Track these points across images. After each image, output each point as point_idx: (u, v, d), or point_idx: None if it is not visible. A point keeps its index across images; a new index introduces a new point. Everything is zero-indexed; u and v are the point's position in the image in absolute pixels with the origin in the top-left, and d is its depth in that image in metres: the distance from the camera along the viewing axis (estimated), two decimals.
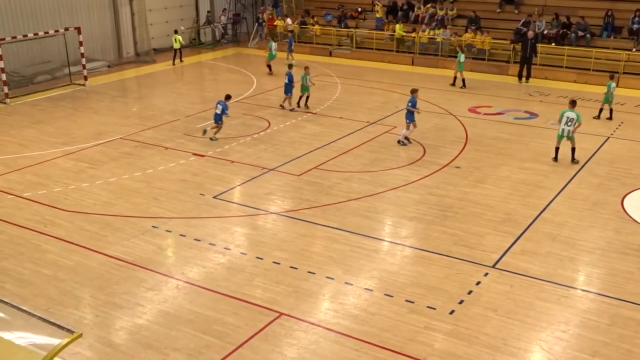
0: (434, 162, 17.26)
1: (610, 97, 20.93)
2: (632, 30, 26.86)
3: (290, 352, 9.68)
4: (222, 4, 35.81)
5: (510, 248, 12.75)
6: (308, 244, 13.08)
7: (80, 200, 15.08)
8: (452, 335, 10.04)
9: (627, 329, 10.19)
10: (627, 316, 10.52)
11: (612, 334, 10.05)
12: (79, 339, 7.13)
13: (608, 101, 20.88)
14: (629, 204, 14.70)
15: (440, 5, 31.45)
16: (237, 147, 18.63)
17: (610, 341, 9.88)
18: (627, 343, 9.84)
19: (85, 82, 26.21)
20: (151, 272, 11.95)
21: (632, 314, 10.57)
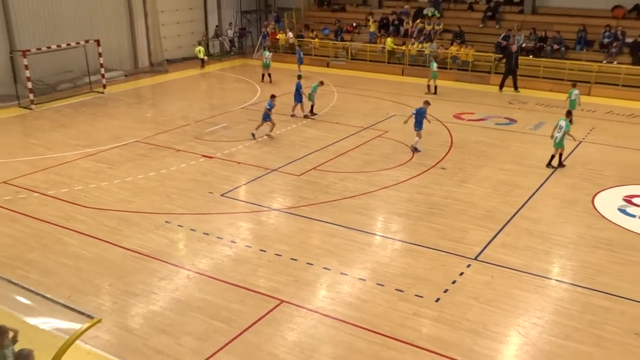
0: (421, 164, 17.27)
1: (574, 103, 20.96)
2: (602, 43, 26.90)
3: (290, 336, 9.70)
4: (229, 19, 35.76)
5: (491, 242, 12.77)
6: (307, 237, 13.09)
7: (99, 198, 15.08)
8: (438, 321, 10.07)
9: (597, 315, 10.22)
10: (597, 304, 10.56)
11: (583, 320, 10.09)
12: (98, 324, 7.17)
13: (572, 107, 20.71)
14: (599, 202, 14.73)
15: (428, 20, 31.44)
16: (243, 149, 18.64)
17: (581, 327, 9.92)
18: (596, 328, 9.88)
19: (104, 90, 26.18)
20: (164, 263, 11.97)
21: (601, 302, 10.60)
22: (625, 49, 26.39)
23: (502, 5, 31.08)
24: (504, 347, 9.52)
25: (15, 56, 24.43)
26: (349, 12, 35.25)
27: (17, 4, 25.21)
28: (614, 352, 9.32)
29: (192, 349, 9.41)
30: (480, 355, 9.26)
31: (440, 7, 32.21)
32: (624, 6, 28.16)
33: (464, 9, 32.04)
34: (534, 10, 30.19)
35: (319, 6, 36.48)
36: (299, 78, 22.61)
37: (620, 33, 26.66)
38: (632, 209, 14.39)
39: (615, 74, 25.23)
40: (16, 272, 11.48)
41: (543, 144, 18.99)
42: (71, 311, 7.38)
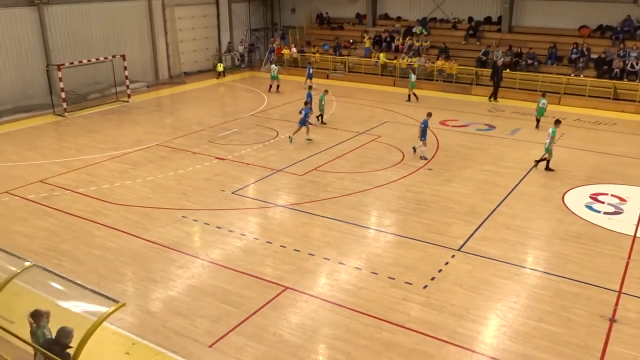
0: (411, 165, 17.19)
1: (542, 111, 21.07)
2: (571, 59, 26.81)
3: (293, 319, 9.64)
4: (240, 36, 35.67)
5: (473, 235, 12.72)
6: (309, 231, 13.02)
7: (124, 195, 15.01)
8: (425, 305, 10.01)
9: (567, 300, 10.17)
10: (567, 290, 10.51)
11: (555, 304, 10.03)
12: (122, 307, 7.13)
13: (541, 114, 20.90)
14: (569, 199, 14.66)
15: (417, 38, 31.35)
16: (252, 152, 18.55)
17: (553, 310, 9.87)
18: (566, 312, 9.83)
19: (129, 99, 26.08)
20: (181, 253, 11.91)
21: (571, 289, 10.55)
22: (591, 64, 26.32)
23: (482, 24, 30.97)
24: (484, 328, 9.46)
25: (51, 70, 24.37)
26: (347, 30, 35.12)
27: (53, 23, 25.15)
28: (582, 332, 9.27)
29: (206, 330, 9.35)
30: (464, 336, 9.20)
31: (427, 26, 32.11)
32: (589, 26, 28.07)
33: (449, 27, 31.91)
34: (510, 29, 30.07)
35: (320, 25, 36.36)
36: (309, 89, 22.49)
37: (586, 50, 26.59)
38: (597, 205, 14.32)
39: (582, 86, 25.13)
40: (51, 261, 11.42)
41: (518, 147, 18.98)
42: (99, 296, 7.35)
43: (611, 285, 10.66)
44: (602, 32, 27.78)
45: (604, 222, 13.37)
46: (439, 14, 32.65)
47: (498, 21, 30.54)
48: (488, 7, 30.92)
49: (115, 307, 7.00)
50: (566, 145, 19.24)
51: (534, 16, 29.58)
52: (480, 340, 9.15)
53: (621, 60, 25.24)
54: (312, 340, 9.11)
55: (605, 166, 17.11)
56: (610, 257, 11.70)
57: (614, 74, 25.13)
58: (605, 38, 27.51)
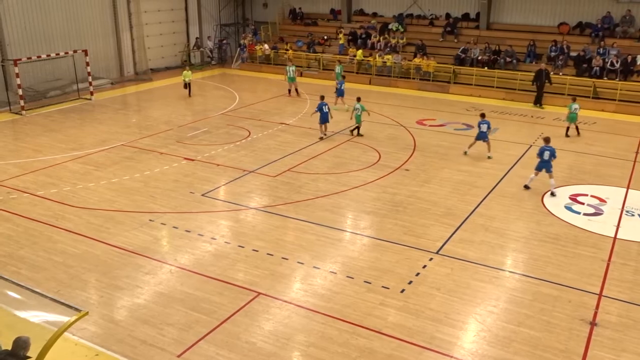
0: (387, 166, 17.31)
1: (575, 117, 20.13)
2: (550, 56, 27.33)
3: (267, 326, 9.62)
4: (209, 31, 35.46)
5: (451, 237, 12.85)
6: (282, 234, 13.01)
7: (86, 198, 14.78)
8: (403, 310, 10.09)
9: (546, 303, 10.35)
10: (546, 293, 10.69)
11: (534, 308, 10.21)
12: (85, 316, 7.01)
13: (573, 120, 20.21)
14: (547, 201, 14.93)
15: (393, 34, 31.61)
16: (222, 152, 18.46)
17: (532, 314, 10.04)
18: (546, 315, 10.00)
19: (92, 97, 25.70)
20: (148, 258, 11.78)
21: (550, 291, 10.74)
22: (570, 62, 26.88)
23: (460, 21, 31.38)
24: (463, 333, 9.57)
25: (7, 65, 23.88)
26: (321, 26, 35.21)
27: (9, 15, 24.65)
28: (562, 336, 9.45)
29: (175, 338, 9.26)
30: (442, 341, 9.30)
31: (403, 22, 32.40)
32: (569, 23, 28.68)
33: (426, 24, 32.25)
34: (488, 26, 30.54)
35: (293, 20, 36.37)
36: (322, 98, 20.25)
37: (565, 47, 27.16)
38: (577, 207, 14.62)
39: (561, 84, 25.62)
40: (7, 268, 11.20)
41: (497, 147, 19.23)
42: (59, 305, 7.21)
43: (591, 287, 10.88)
44: (582, 30, 28.41)
45: (583, 223, 13.66)
46: (416, 10, 32.98)
47: (476, 18, 30.98)
48: (466, 3, 31.36)
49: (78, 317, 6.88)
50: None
51: (513, 13, 30.11)
52: (459, 345, 9.26)
53: (601, 58, 25.84)
54: (285, 347, 9.11)
55: (585, 166, 17.48)
56: (590, 259, 11.96)
57: (594, 72, 25.70)
58: (584, 35, 28.13)
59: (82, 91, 25.92)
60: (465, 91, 27.18)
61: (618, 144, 19.85)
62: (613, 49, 26.15)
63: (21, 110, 23.01)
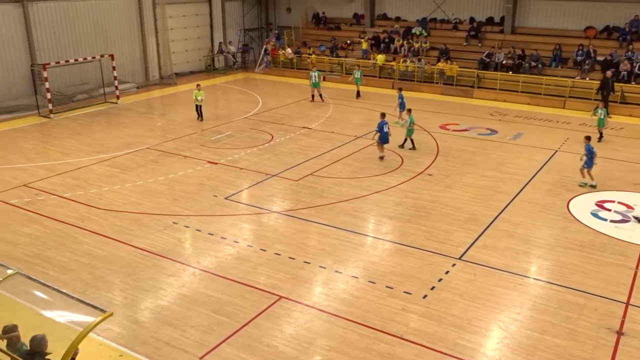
0: (410, 170, 17.23)
1: (603, 122, 19.95)
2: (576, 61, 26.96)
3: (288, 329, 9.63)
4: (233, 36, 35.76)
5: (474, 243, 12.73)
6: (304, 238, 13.02)
7: (112, 200, 14.99)
8: (425, 316, 10.02)
9: (572, 311, 10.19)
10: (572, 301, 10.52)
11: (559, 316, 10.05)
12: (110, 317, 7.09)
13: (602, 125, 19.93)
14: (573, 207, 14.71)
15: (416, 39, 31.51)
16: (245, 156, 18.57)
17: (557, 322, 9.88)
18: (571, 324, 9.84)
19: (118, 101, 26.09)
20: (172, 261, 11.89)
21: (575, 299, 10.57)
22: (597, 66, 26.44)
23: (484, 25, 31.16)
24: (486, 340, 9.46)
25: (36, 69, 24.37)
26: (344, 30, 35.26)
27: (38, 21, 25.18)
28: (587, 345, 9.28)
29: (197, 340, 9.33)
30: (465, 348, 9.21)
31: (427, 26, 32.28)
32: (596, 27, 28.27)
33: (449, 28, 32.09)
34: (513, 30, 30.25)
35: (316, 25, 36.50)
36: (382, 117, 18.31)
37: (592, 51, 26.74)
38: (603, 213, 14.37)
39: (588, 89, 25.26)
40: (34, 268, 11.40)
41: (521, 152, 19.04)
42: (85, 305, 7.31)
43: (618, 296, 10.68)
44: (609, 33, 27.96)
45: (610, 230, 13.41)
46: (440, 14, 32.84)
47: (501, 22, 30.72)
48: (490, 7, 31.12)
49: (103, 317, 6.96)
50: (571, 150, 19.30)
51: (538, 16, 29.78)
52: (482, 352, 9.16)
53: (629, 62, 25.39)
54: (307, 351, 9.10)
55: (612, 172, 17.17)
56: (617, 267, 11.73)
57: (621, 77, 25.26)
58: (612, 39, 27.68)
59: (108, 95, 26.34)
60: (489, 96, 26.96)
61: None
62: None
63: (49, 114, 23.46)
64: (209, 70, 33.98)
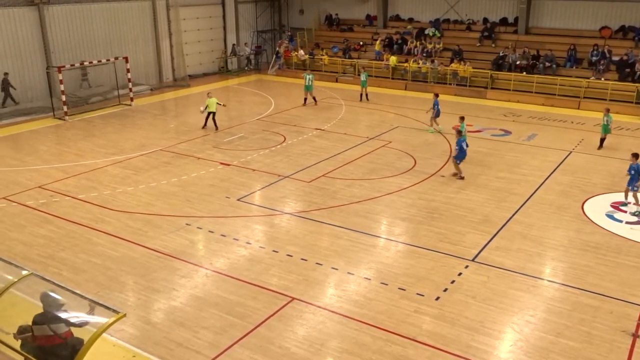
0: (423, 172, 17.16)
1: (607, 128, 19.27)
2: (591, 61, 26.73)
3: (300, 331, 9.63)
4: (246, 38, 35.88)
5: (487, 244, 12.65)
6: (316, 239, 13.02)
7: (125, 202, 15.10)
8: (438, 318, 9.96)
9: (586, 314, 10.08)
10: (586, 303, 10.41)
11: (573, 318, 9.95)
12: (123, 318, 7.15)
13: (607, 131, 19.24)
14: (588, 208, 14.56)
15: (429, 40, 31.41)
16: (258, 157, 18.61)
17: (571, 324, 9.78)
18: (586, 326, 9.74)
19: (132, 103, 26.27)
20: (184, 262, 11.94)
21: (590, 302, 10.46)
22: (612, 67, 26.22)
23: (497, 25, 30.98)
24: (499, 343, 9.39)
25: (51, 72, 24.64)
26: (356, 31, 35.25)
27: (53, 23, 25.46)
28: (602, 348, 9.18)
29: (209, 342, 9.35)
30: (478, 350, 9.14)
31: (440, 27, 32.18)
32: (611, 27, 28.01)
33: (463, 29, 31.96)
34: (527, 31, 30.05)
35: (329, 26, 36.52)
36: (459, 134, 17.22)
37: (607, 51, 26.50)
38: (619, 215, 14.21)
39: (603, 90, 25.03)
40: (49, 269, 11.49)
41: (536, 153, 18.89)
42: (98, 306, 7.38)
43: (634, 298, 10.55)
44: (625, 33, 27.70)
45: (626, 232, 13.27)
46: (453, 15, 32.71)
47: (514, 22, 30.53)
48: (504, 7, 30.93)
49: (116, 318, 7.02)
50: (585, 151, 19.14)
51: (552, 17, 29.55)
52: (495, 355, 9.09)
53: None
54: (319, 353, 9.09)
55: None
56: (632, 269, 11.60)
57: (637, 77, 24.99)
58: (627, 39, 27.43)
59: (122, 97, 26.54)
60: (502, 96, 26.79)
61: None
62: None
63: (64, 116, 23.68)
64: (222, 72, 34.12)
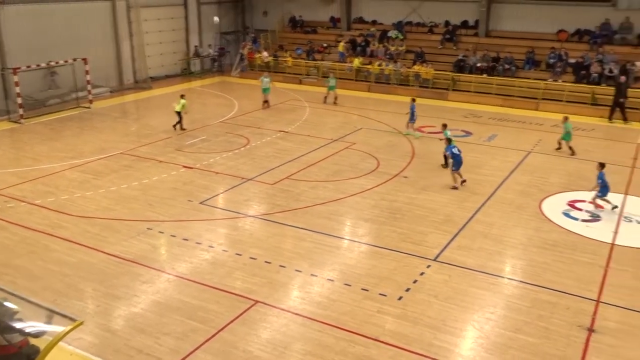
0: (386, 173, 17.31)
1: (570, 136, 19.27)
2: (548, 64, 27.40)
3: (264, 334, 9.59)
4: (209, 40, 35.58)
5: (449, 244, 12.84)
6: (280, 242, 12.99)
7: (84, 207, 14.78)
8: (400, 317, 10.06)
9: (544, 310, 10.33)
10: (544, 299, 10.67)
11: (532, 315, 10.18)
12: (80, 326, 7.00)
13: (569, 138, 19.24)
14: (546, 207, 14.92)
15: (392, 42, 31.72)
16: (221, 160, 18.47)
17: (530, 320, 10.01)
18: (544, 322, 9.97)
19: (91, 105, 25.77)
20: (146, 267, 11.76)
21: (548, 298, 10.71)
22: (569, 69, 26.93)
23: (459, 28, 31.50)
24: (461, 340, 9.54)
25: (6, 73, 23.97)
26: (320, 33, 35.33)
27: (9, 24, 24.73)
28: (559, 343, 9.41)
29: (171, 348, 9.23)
30: (440, 349, 9.26)
31: (403, 30, 32.53)
32: (567, 30, 28.79)
33: (425, 31, 32.37)
34: (487, 34, 30.64)
35: (293, 28, 36.52)
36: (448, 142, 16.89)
37: (564, 54, 27.23)
38: (575, 213, 14.61)
39: (560, 91, 25.70)
40: (3, 277, 11.16)
41: (496, 154, 19.28)
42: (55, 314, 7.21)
43: (589, 294, 10.85)
44: (580, 36, 28.50)
45: (581, 229, 13.65)
46: (415, 17, 33.12)
47: (475, 25, 31.09)
48: (465, 11, 31.46)
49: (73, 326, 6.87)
50: (543, 151, 19.60)
51: (512, 20, 30.19)
52: (456, 352, 9.23)
53: (599, 64, 25.88)
54: (282, 356, 9.07)
55: (583, 173, 17.43)
56: (588, 266, 11.94)
57: (592, 79, 25.74)
58: (583, 42, 28.23)
59: (81, 99, 25.97)
60: (464, 98, 27.23)
61: (616, 150, 19.81)
62: (611, 56, 26.20)
63: (20, 119, 23.06)
64: (185, 74, 33.75)
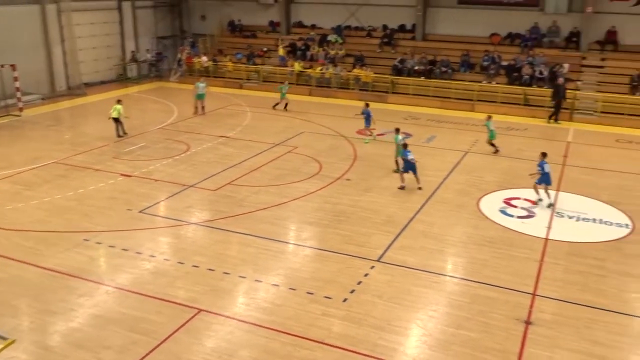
0: (328, 176, 17.42)
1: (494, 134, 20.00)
2: (483, 66, 28.34)
3: (208, 343, 9.46)
4: (146, 44, 34.82)
5: (392, 244, 13.04)
6: (223, 248, 12.86)
7: (16, 219, 14.15)
8: (346, 319, 10.13)
9: (485, 305, 10.64)
10: (484, 295, 10.99)
11: (473, 310, 10.47)
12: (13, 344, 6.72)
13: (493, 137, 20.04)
14: (484, 205, 15.40)
15: (332, 46, 32.00)
16: (161, 167, 18.10)
17: (471, 316, 10.29)
18: (484, 317, 10.27)
19: (21, 113, 24.72)
20: (83, 280, 11.37)
21: (488, 294, 11.05)
22: (502, 71, 27.93)
23: (396, 32, 32.11)
24: (405, 339, 9.71)
25: None
26: (260, 38, 35.23)
27: None
28: (499, 337, 9.72)
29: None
30: (385, 348, 9.39)
31: (342, 34, 32.88)
32: (500, 34, 29.88)
33: (364, 35, 32.84)
34: (424, 37, 31.39)
35: (232, 33, 36.25)
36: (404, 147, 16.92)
37: (497, 57, 28.22)
38: (510, 210, 15.16)
39: (494, 92, 26.62)
40: None
41: (435, 155, 19.75)
42: None
43: (526, 287, 11.27)
44: (512, 40, 29.64)
45: (517, 226, 14.16)
46: (354, 21, 33.54)
47: (412, 29, 31.78)
48: (402, 15, 32.11)
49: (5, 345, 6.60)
50: (479, 151, 20.23)
51: (447, 24, 31.04)
52: (401, 351, 9.39)
53: (530, 67, 26.97)
54: None
55: (518, 171, 18.11)
56: (524, 260, 12.40)
57: (524, 81, 26.80)
58: (514, 45, 29.37)
59: (10, 107, 24.88)
60: (403, 100, 27.77)
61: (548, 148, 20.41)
62: (541, 58, 27.37)
63: None
64: (121, 80, 32.91)
